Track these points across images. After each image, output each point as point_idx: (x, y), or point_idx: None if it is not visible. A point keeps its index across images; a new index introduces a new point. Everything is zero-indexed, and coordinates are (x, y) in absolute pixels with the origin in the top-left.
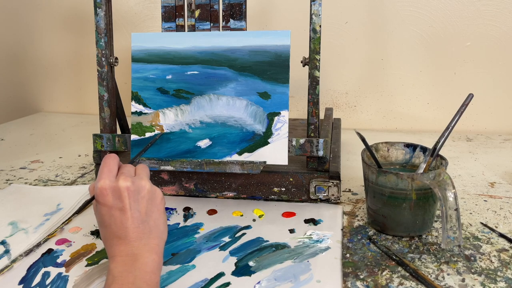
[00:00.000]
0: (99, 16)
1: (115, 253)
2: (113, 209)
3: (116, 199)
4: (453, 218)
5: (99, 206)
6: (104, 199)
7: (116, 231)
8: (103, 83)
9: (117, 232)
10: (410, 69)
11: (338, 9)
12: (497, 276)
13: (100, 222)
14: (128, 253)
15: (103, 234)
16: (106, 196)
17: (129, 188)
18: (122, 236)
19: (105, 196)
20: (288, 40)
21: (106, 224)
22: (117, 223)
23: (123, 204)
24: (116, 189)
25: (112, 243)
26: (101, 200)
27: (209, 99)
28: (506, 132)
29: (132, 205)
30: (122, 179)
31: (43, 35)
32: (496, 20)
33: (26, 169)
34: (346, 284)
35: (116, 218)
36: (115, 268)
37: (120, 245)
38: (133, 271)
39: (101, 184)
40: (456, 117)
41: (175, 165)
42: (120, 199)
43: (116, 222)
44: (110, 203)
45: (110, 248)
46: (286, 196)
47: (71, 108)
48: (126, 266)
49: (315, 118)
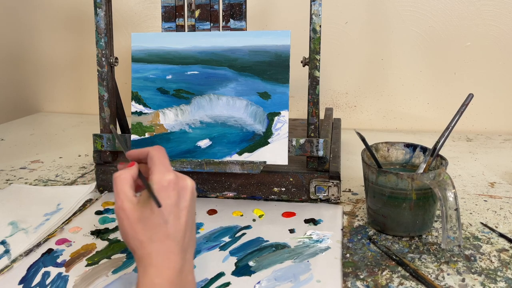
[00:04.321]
0: (99, 16)
1: (162, 262)
2: (174, 207)
3: (180, 197)
4: (453, 218)
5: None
6: (170, 194)
7: (169, 234)
8: (103, 83)
9: (171, 235)
10: (410, 69)
11: (338, 9)
12: (497, 276)
13: (148, 220)
14: (177, 267)
15: (144, 234)
16: (173, 191)
17: (194, 190)
18: (175, 240)
19: (171, 191)
20: (288, 40)
21: (157, 223)
22: (173, 225)
23: (185, 205)
24: (184, 187)
25: (160, 249)
26: (164, 194)
27: (209, 99)
28: (506, 132)
29: (191, 209)
30: (189, 178)
31: (43, 35)
32: (496, 20)
33: (26, 169)
34: (346, 284)
35: (174, 218)
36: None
37: (171, 253)
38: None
39: (171, 177)
40: (456, 117)
41: (175, 165)
42: (185, 198)
43: (174, 223)
44: (174, 200)
45: (154, 254)
46: (286, 196)
47: (71, 108)
48: (173, 286)
49: (315, 118)
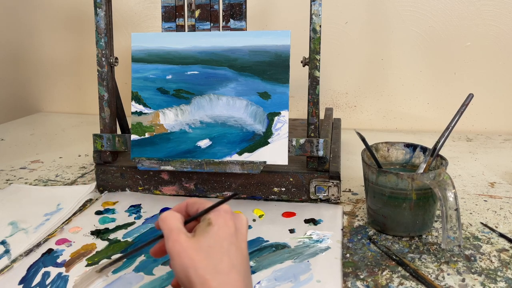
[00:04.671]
0: (99, 16)
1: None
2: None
3: (236, 228)
4: (453, 218)
5: (216, 227)
6: (228, 223)
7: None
8: (103, 83)
9: (231, 260)
10: (410, 69)
11: (338, 9)
12: (497, 276)
13: (210, 248)
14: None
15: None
16: (230, 221)
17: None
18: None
19: (229, 220)
20: (288, 40)
21: (218, 250)
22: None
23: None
24: (240, 218)
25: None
26: (222, 222)
27: (209, 99)
28: (506, 132)
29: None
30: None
31: (43, 35)
32: (496, 20)
33: (26, 169)
34: (346, 284)
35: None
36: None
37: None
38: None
39: (226, 207)
40: (456, 117)
41: (175, 165)
42: (241, 232)
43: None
44: (232, 229)
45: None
46: (286, 196)
47: (71, 108)
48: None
49: (315, 118)
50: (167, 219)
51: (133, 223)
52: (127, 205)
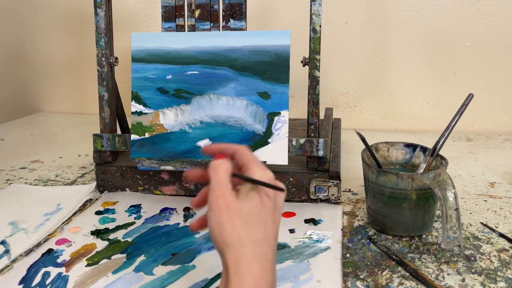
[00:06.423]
0: (99, 16)
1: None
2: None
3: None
4: (453, 218)
5: (262, 194)
6: (268, 192)
7: (266, 230)
8: (103, 83)
9: (266, 232)
10: (410, 69)
11: (338, 9)
12: (497, 276)
13: (252, 214)
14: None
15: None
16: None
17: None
18: (270, 238)
19: (269, 190)
20: (288, 40)
21: (258, 216)
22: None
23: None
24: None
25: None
26: (267, 190)
27: (209, 99)
28: (506, 132)
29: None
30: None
31: (43, 35)
32: (496, 20)
33: (26, 169)
34: (346, 284)
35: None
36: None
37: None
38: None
39: (271, 175)
40: (456, 117)
41: (175, 165)
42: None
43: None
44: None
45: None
46: (286, 196)
47: (71, 108)
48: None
49: (315, 118)
50: (219, 169)
51: (133, 223)
52: (127, 205)
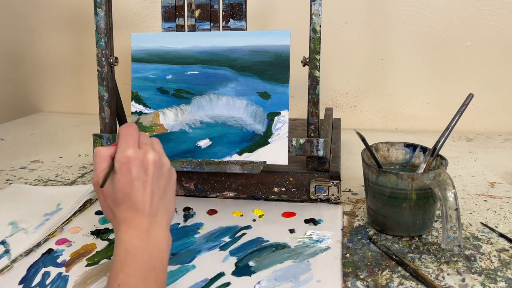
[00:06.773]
0: (99, 16)
1: (129, 225)
2: (135, 180)
3: (141, 171)
4: (453, 218)
5: (119, 175)
6: (130, 169)
7: (134, 204)
8: (103, 83)
9: (135, 205)
10: (410, 69)
11: (338, 9)
12: (497, 276)
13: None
14: (144, 227)
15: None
16: (133, 166)
17: (156, 162)
18: (139, 209)
19: (131, 166)
20: (288, 40)
21: (122, 195)
22: (137, 196)
23: (146, 178)
24: (144, 161)
25: (126, 216)
26: (125, 170)
27: (209, 99)
28: (506, 132)
29: (155, 180)
30: (151, 152)
31: (43, 35)
32: (496, 20)
33: (26, 169)
34: (346, 284)
35: (137, 190)
36: (129, 242)
37: (137, 217)
38: (148, 249)
39: (129, 153)
40: (456, 117)
41: (175, 165)
42: (146, 172)
43: (137, 194)
44: (134, 174)
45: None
46: (286, 196)
47: (71, 108)
48: (141, 241)
49: (315, 118)
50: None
51: None
52: None
